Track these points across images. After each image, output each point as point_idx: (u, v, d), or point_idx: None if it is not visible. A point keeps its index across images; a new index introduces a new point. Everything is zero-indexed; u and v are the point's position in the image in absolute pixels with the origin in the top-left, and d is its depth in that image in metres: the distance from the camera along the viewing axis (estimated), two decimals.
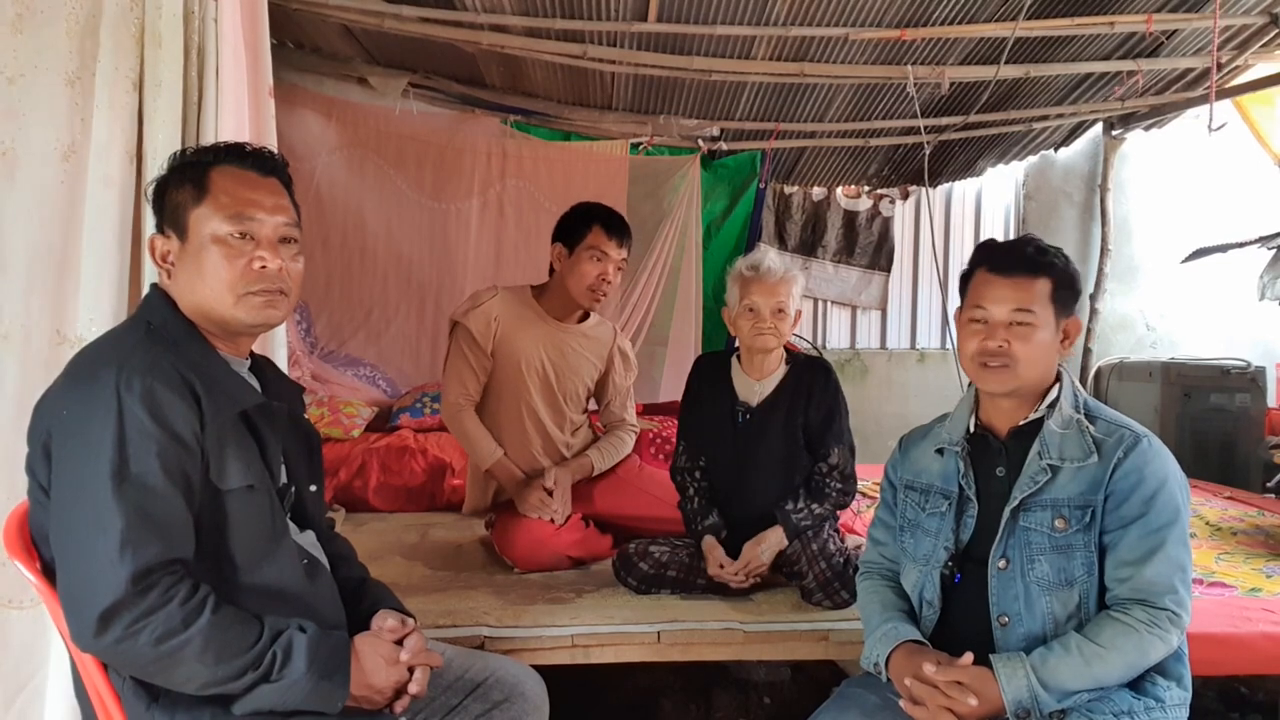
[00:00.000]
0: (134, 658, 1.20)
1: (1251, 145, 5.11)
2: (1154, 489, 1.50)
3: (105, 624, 1.16)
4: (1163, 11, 3.93)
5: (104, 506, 1.19)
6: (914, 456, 1.76)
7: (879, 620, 1.65)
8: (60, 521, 1.23)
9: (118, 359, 1.26)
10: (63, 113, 1.72)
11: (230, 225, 1.35)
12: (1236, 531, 3.08)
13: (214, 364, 1.37)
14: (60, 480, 1.24)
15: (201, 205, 1.35)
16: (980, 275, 1.62)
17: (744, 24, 3.89)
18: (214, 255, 1.34)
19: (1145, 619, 1.44)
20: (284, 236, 1.41)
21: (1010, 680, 1.42)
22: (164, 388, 1.25)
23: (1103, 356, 5.78)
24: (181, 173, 1.39)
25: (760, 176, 5.27)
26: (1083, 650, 1.44)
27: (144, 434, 1.22)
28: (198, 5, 1.81)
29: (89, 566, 1.18)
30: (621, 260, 2.69)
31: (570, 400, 2.82)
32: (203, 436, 1.28)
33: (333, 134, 4.51)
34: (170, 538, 1.23)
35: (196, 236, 1.35)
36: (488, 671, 1.60)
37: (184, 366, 1.29)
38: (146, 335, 1.33)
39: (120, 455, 1.20)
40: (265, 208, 1.39)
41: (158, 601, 1.18)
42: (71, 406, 1.25)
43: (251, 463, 1.35)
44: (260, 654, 1.24)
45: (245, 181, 1.39)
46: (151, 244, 1.40)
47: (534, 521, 2.59)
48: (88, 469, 1.20)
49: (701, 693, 2.72)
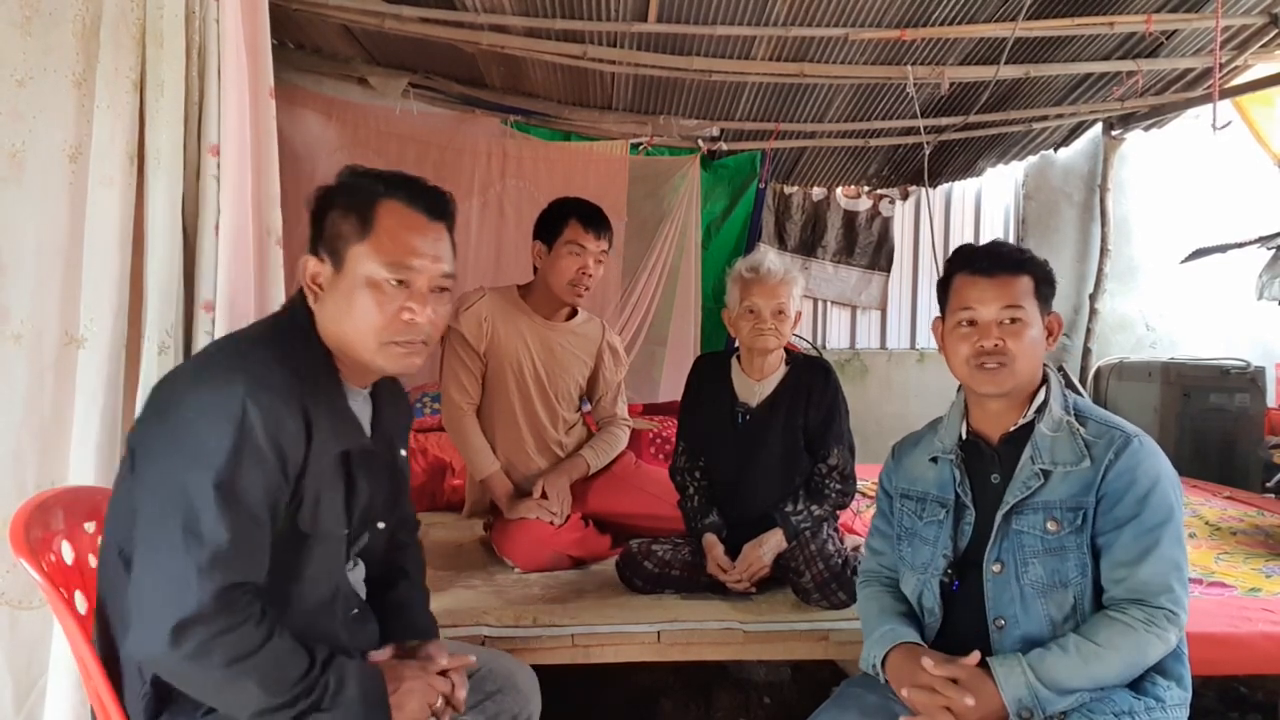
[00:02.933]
0: (201, 674, 1.17)
1: (1251, 145, 5.11)
2: (1147, 489, 1.50)
3: (180, 636, 1.13)
4: (1162, 12, 3.93)
5: (204, 517, 1.16)
6: (908, 465, 1.76)
7: (877, 623, 1.65)
8: (151, 518, 1.20)
9: (252, 372, 1.23)
10: (70, 114, 1.72)
11: (389, 272, 1.32)
12: (1236, 531, 3.08)
13: (333, 397, 1.34)
14: (161, 476, 1.21)
15: (364, 243, 1.32)
16: (961, 279, 1.63)
17: (744, 24, 3.89)
18: (366, 298, 1.32)
19: (1143, 618, 1.45)
20: (439, 286, 1.38)
21: (1008, 679, 1.43)
22: (288, 417, 1.23)
23: (1102, 356, 5.78)
24: (349, 197, 1.35)
25: (760, 176, 5.27)
26: (1080, 649, 1.44)
27: (258, 456, 1.20)
28: (199, 5, 1.81)
29: (172, 573, 1.15)
30: (601, 252, 2.69)
31: (562, 398, 2.82)
32: (302, 476, 1.27)
33: (333, 134, 4.50)
34: (255, 561, 1.22)
35: (352, 272, 1.32)
36: (482, 663, 1.61)
37: (306, 394, 1.27)
38: (283, 352, 1.30)
39: (231, 470, 1.18)
40: (426, 255, 1.35)
41: (236, 621, 1.17)
42: (196, 405, 1.22)
43: (334, 508, 1.34)
44: (313, 682, 1.22)
45: (412, 225, 1.35)
46: (304, 265, 1.36)
47: (534, 521, 2.60)
48: (194, 474, 1.18)
49: (701, 693, 2.72)
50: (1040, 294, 1.61)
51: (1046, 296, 1.62)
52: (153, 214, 1.75)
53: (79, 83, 1.72)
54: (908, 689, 1.49)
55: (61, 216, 1.71)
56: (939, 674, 1.46)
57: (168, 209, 1.74)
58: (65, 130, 1.72)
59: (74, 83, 1.72)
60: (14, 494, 1.63)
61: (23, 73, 1.69)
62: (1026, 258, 1.62)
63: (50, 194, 1.71)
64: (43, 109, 1.70)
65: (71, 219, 1.72)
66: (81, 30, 1.72)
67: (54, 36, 1.71)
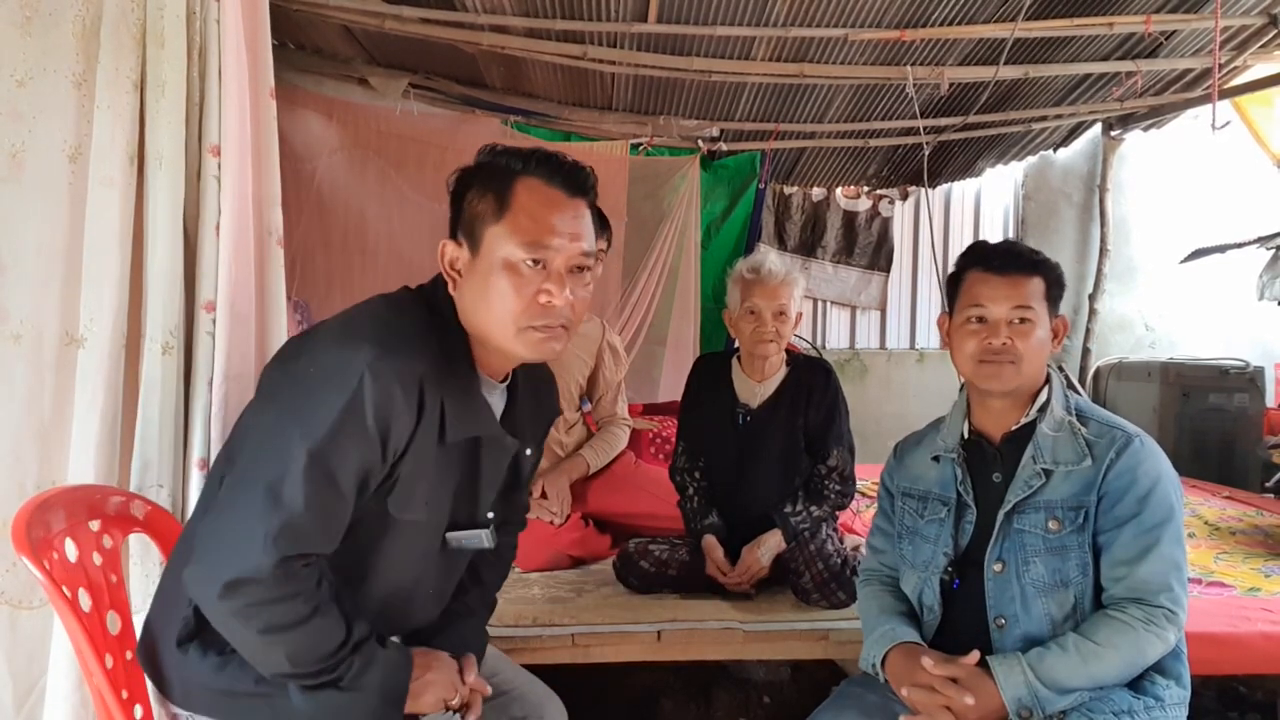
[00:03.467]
0: (238, 631, 1.20)
1: (1250, 145, 5.12)
2: (1147, 488, 1.51)
3: (231, 591, 1.16)
4: (1162, 12, 3.94)
5: (289, 480, 1.16)
6: (909, 464, 1.76)
7: (877, 622, 1.65)
8: (246, 464, 1.21)
9: (382, 342, 1.21)
10: (70, 114, 1.72)
11: (525, 252, 1.26)
12: (1235, 531, 3.09)
13: (464, 382, 1.31)
14: (269, 425, 1.22)
15: (500, 223, 1.27)
16: (975, 275, 1.63)
17: (744, 25, 3.90)
18: (502, 281, 1.26)
19: (1142, 617, 1.45)
20: (578, 265, 1.32)
21: (1008, 678, 1.43)
22: (400, 391, 1.20)
23: (1102, 357, 5.79)
24: (487, 177, 1.31)
25: (760, 177, 5.27)
26: (1080, 649, 1.44)
27: (359, 429, 1.18)
28: (199, 5, 1.81)
29: (242, 528, 1.17)
30: (599, 251, 2.69)
31: (563, 398, 2.83)
32: (402, 458, 1.25)
33: (334, 135, 4.51)
34: (327, 536, 1.22)
35: (489, 255, 1.28)
36: (511, 685, 1.58)
37: (431, 376, 1.24)
38: (422, 324, 1.29)
39: (329, 438, 1.17)
40: (564, 234, 1.28)
41: (288, 592, 1.18)
42: (321, 362, 1.22)
43: (439, 496, 1.33)
44: (339, 660, 1.23)
45: (550, 202, 1.29)
46: (442, 250, 1.33)
47: (534, 521, 2.60)
48: (294, 436, 1.17)
49: (701, 692, 2.72)
50: (1050, 296, 1.61)
51: (1056, 299, 1.63)
52: (154, 214, 1.75)
53: (79, 83, 1.72)
54: (907, 688, 1.49)
55: (61, 216, 1.71)
56: (939, 673, 1.46)
57: (169, 209, 1.74)
58: (65, 131, 1.71)
59: (74, 83, 1.72)
60: (14, 494, 1.63)
61: (22, 73, 1.69)
62: (1041, 259, 1.63)
63: (50, 194, 1.70)
64: (42, 109, 1.70)
65: (71, 219, 1.71)
66: (82, 31, 1.72)
67: (53, 37, 1.71)
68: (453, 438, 1.28)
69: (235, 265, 1.78)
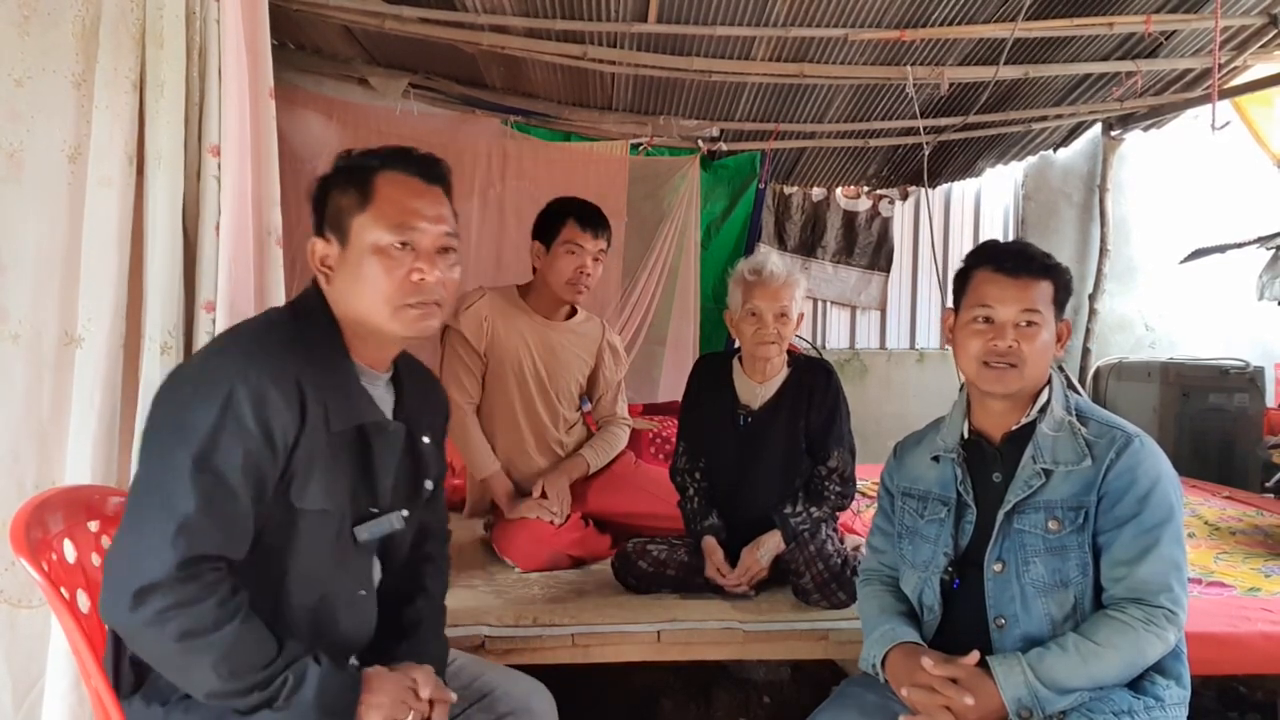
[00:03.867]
0: (155, 644, 1.20)
1: (1250, 146, 5.12)
2: (1147, 488, 1.50)
3: (140, 600, 1.16)
4: (1162, 12, 3.93)
5: (177, 487, 1.19)
6: (909, 464, 1.76)
7: (877, 622, 1.65)
8: (135, 492, 1.25)
9: (247, 349, 1.28)
10: (70, 114, 1.72)
11: (392, 235, 1.35)
12: (1235, 531, 3.09)
13: (341, 375, 1.36)
14: (148, 448, 1.25)
15: (365, 212, 1.35)
16: (983, 274, 1.62)
17: (744, 25, 3.89)
18: (374, 266, 1.34)
19: (1142, 617, 1.45)
20: (443, 246, 1.40)
21: (1007, 678, 1.43)
22: (276, 391, 1.24)
23: (1102, 357, 5.79)
24: (347, 176, 1.39)
25: (760, 177, 5.27)
26: (1080, 649, 1.44)
27: (240, 429, 1.22)
28: (199, 5, 1.81)
29: (142, 539, 1.19)
30: (599, 251, 2.70)
31: (563, 398, 2.83)
32: (295, 449, 1.27)
33: (333, 135, 4.50)
34: (228, 536, 1.23)
35: (358, 244, 1.35)
36: (495, 684, 1.58)
37: (307, 374, 1.29)
38: (287, 332, 1.34)
39: (210, 443, 1.21)
40: (428, 217, 1.38)
41: (196, 595, 1.18)
42: (190, 385, 1.27)
43: (337, 487, 1.33)
44: (271, 676, 1.22)
45: (410, 189, 1.39)
46: (311, 248, 1.39)
47: (534, 521, 2.60)
48: (176, 450, 1.20)
49: (701, 692, 2.72)
50: (1057, 300, 1.61)
51: (1062, 303, 1.62)
52: (153, 214, 1.75)
53: (78, 83, 1.72)
54: (907, 688, 1.49)
55: (60, 216, 1.71)
56: (938, 673, 1.46)
57: (168, 209, 1.74)
58: (65, 130, 1.72)
59: (74, 83, 1.72)
60: (13, 493, 1.63)
61: (20, 72, 1.69)
62: (1053, 264, 1.62)
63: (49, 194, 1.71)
64: (41, 109, 1.70)
65: (70, 219, 1.72)
66: (81, 31, 1.72)
67: (53, 36, 1.71)
68: (337, 427, 1.32)
69: (235, 265, 1.78)
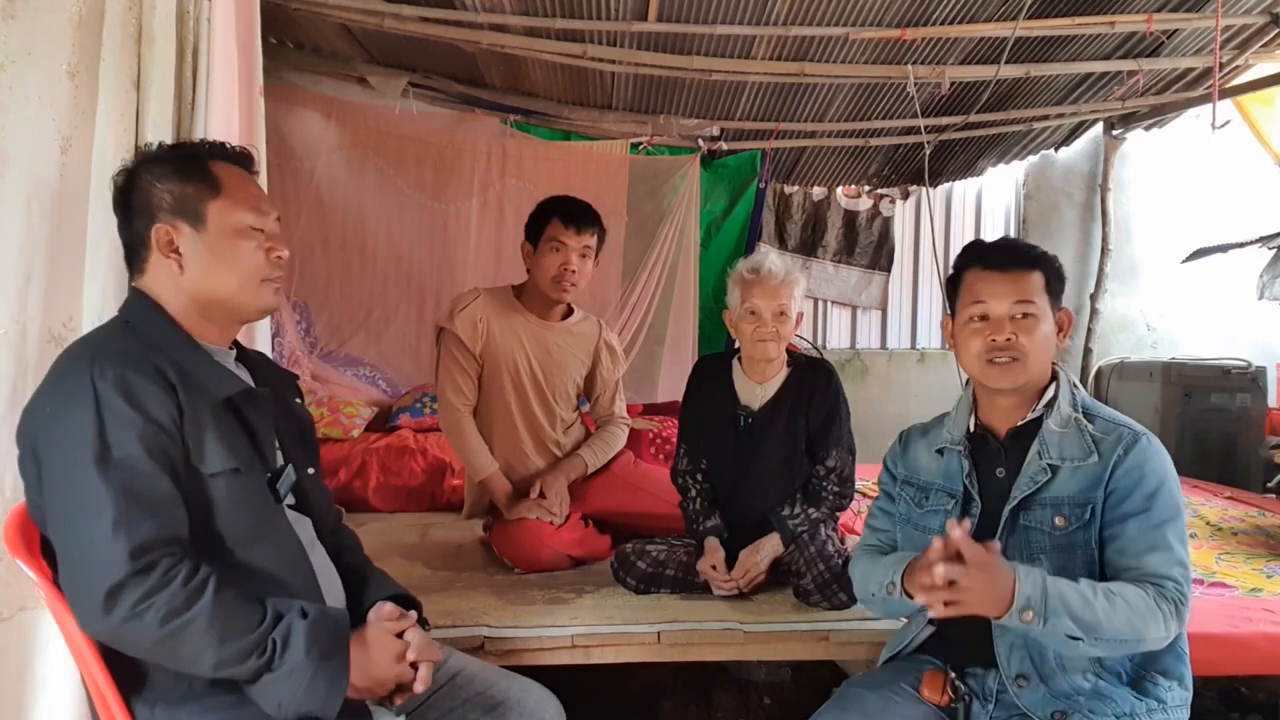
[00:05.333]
0: (140, 638, 1.20)
1: (1252, 145, 5.11)
2: (1155, 486, 1.50)
3: (111, 602, 1.17)
4: (1163, 11, 3.93)
5: (93, 490, 1.21)
6: (913, 453, 1.76)
7: (885, 562, 1.61)
8: (54, 512, 1.26)
9: (91, 353, 1.30)
10: (63, 105, 1.69)
11: (253, 218, 1.45)
12: (1237, 531, 3.08)
13: (193, 354, 1.40)
14: (49, 472, 1.27)
15: (220, 198, 1.42)
16: (974, 274, 1.63)
17: (744, 24, 3.89)
18: (244, 243, 1.43)
19: (1152, 593, 1.43)
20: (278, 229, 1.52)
21: (1028, 575, 1.38)
22: (136, 375, 1.28)
23: (1103, 356, 5.78)
24: (179, 164, 1.43)
25: (760, 176, 5.27)
26: (1093, 587, 1.41)
27: (121, 418, 1.25)
28: (192, 5, 1.80)
29: (86, 550, 1.21)
30: (584, 247, 2.68)
31: (560, 398, 2.82)
32: (181, 422, 1.30)
33: (332, 134, 4.51)
34: (161, 515, 1.24)
35: (221, 225, 1.41)
36: (506, 693, 1.57)
37: (159, 358, 1.33)
38: (122, 331, 1.38)
39: (101, 440, 1.23)
40: (265, 201, 1.50)
41: (160, 582, 1.19)
42: (52, 402, 1.29)
43: (237, 447, 1.37)
44: (263, 637, 1.24)
45: (244, 178, 1.48)
46: (158, 234, 1.40)
47: (533, 522, 2.59)
48: (72, 457, 1.23)
49: (701, 693, 2.72)
50: (1051, 290, 1.61)
51: (1057, 293, 1.62)
52: None
53: (73, 74, 1.70)
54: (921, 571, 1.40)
55: (50, 210, 1.69)
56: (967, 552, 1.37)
57: None
58: (58, 122, 1.69)
59: (68, 73, 1.69)
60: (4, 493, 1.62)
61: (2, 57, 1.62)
62: (1038, 253, 1.63)
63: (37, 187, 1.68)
64: (25, 98, 1.64)
65: (62, 213, 1.70)
66: (78, 21, 1.70)
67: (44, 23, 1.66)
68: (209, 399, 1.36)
69: None
